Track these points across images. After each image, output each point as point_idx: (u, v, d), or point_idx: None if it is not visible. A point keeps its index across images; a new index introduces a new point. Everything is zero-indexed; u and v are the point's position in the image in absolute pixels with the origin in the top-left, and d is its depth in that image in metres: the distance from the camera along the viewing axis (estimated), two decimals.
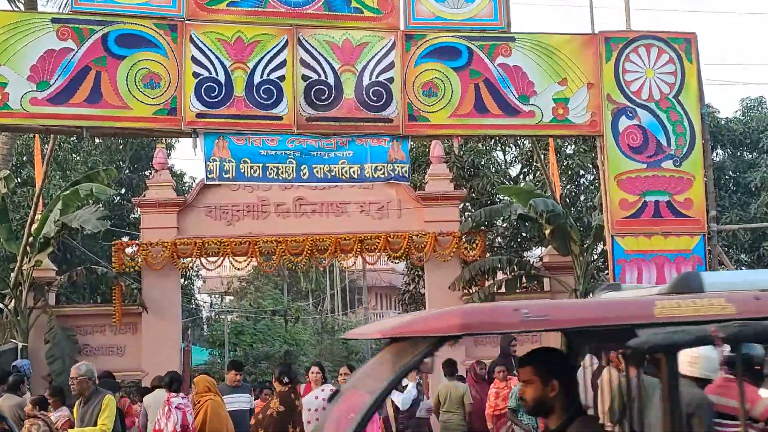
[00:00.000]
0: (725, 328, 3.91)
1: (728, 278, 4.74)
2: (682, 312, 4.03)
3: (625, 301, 4.42)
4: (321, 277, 45.29)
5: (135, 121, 11.62)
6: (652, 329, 3.91)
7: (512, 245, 24.13)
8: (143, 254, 19.08)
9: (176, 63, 11.63)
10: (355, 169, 12.17)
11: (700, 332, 3.93)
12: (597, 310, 4.10)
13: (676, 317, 4.01)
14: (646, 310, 4.01)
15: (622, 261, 12.48)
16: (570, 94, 12.49)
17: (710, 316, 4.03)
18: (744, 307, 4.10)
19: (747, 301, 4.16)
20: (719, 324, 3.93)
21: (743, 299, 4.18)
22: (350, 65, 12.03)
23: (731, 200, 24.26)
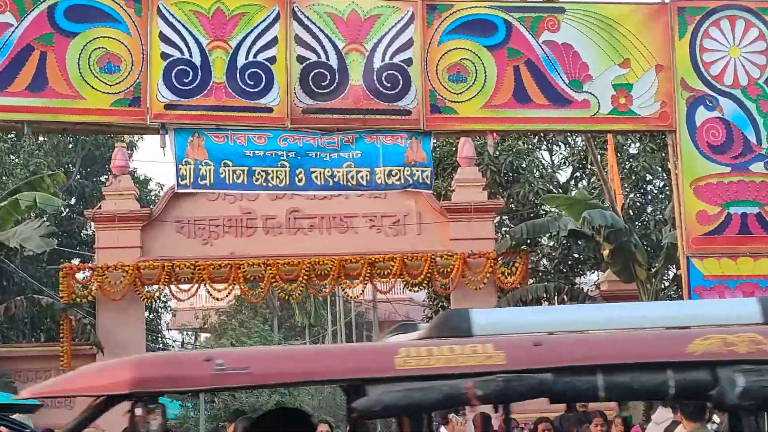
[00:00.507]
0: (487, 384, 3.87)
1: (506, 317, 4.78)
2: (433, 363, 3.99)
3: (362, 349, 4.41)
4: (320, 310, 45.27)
5: (88, 114, 11.64)
6: (391, 385, 3.87)
7: (561, 269, 24.08)
8: (98, 281, 19.13)
9: (140, 41, 11.67)
10: (364, 173, 12.17)
11: (451, 389, 3.89)
12: (318, 361, 4.04)
13: (423, 370, 3.96)
14: (386, 361, 3.96)
15: (701, 289, 12.43)
16: (634, 79, 12.47)
17: (471, 367, 4.00)
18: (516, 356, 4.11)
19: (521, 348, 4.18)
20: (482, 378, 3.89)
21: (517, 346, 4.20)
22: (358, 43, 12.05)
23: None
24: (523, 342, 4.26)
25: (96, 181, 29.73)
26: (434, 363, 4.00)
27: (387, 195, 19.27)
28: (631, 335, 4.92)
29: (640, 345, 4.81)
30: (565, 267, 24.21)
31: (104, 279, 19.09)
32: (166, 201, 20.17)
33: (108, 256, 19.45)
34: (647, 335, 4.96)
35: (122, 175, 20.44)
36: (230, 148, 11.88)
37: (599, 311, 5.35)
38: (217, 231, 20.05)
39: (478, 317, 4.36)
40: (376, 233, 20.13)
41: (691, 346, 4.74)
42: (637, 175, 23.68)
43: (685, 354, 4.73)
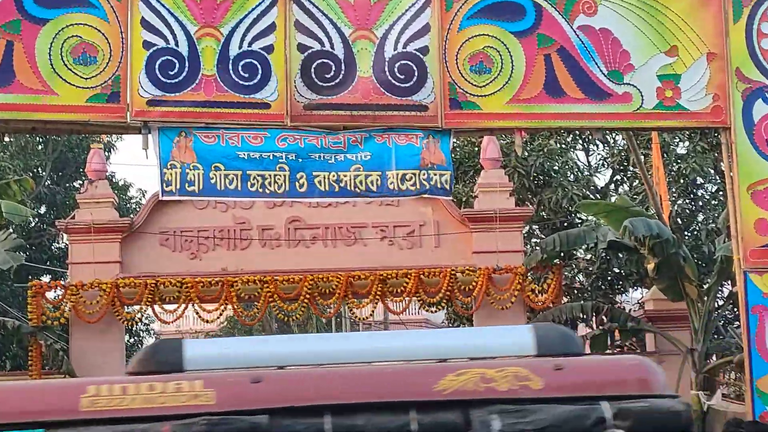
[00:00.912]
0: (186, 428, 3.82)
1: (227, 349, 4.66)
2: (127, 404, 3.95)
3: (48, 387, 4.35)
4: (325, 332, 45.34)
5: (61, 112, 11.68)
6: (78, 428, 3.84)
7: (600, 286, 24.05)
8: (72, 300, 19.17)
9: (120, 29, 11.71)
10: (374, 178, 12.18)
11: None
12: None
13: (114, 412, 3.92)
14: (70, 401, 3.91)
15: (760, 308, 12.40)
16: (682, 69, 12.47)
17: (172, 409, 3.95)
18: (228, 395, 4.07)
19: (236, 386, 4.14)
20: (183, 422, 3.85)
21: (232, 383, 4.16)
22: (367, 30, 12.08)
23: None
24: (240, 378, 4.17)
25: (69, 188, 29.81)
26: (129, 404, 3.93)
27: (400, 202, 19.28)
28: (373, 370, 4.76)
29: (380, 381, 4.66)
30: (603, 283, 24.17)
31: (78, 298, 19.12)
32: (149, 210, 20.21)
33: (83, 273, 19.49)
34: (392, 370, 4.80)
35: (99, 181, 20.47)
36: (222, 149, 11.90)
37: (344, 341, 5.15)
38: (206, 244, 20.08)
39: (192, 349, 4.25)
40: (388, 246, 20.15)
41: (441, 382, 4.63)
42: (686, 178, 23.66)
43: (432, 392, 4.60)
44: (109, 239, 19.78)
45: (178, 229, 20.02)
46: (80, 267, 19.71)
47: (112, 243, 19.80)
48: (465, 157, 23.39)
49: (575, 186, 23.79)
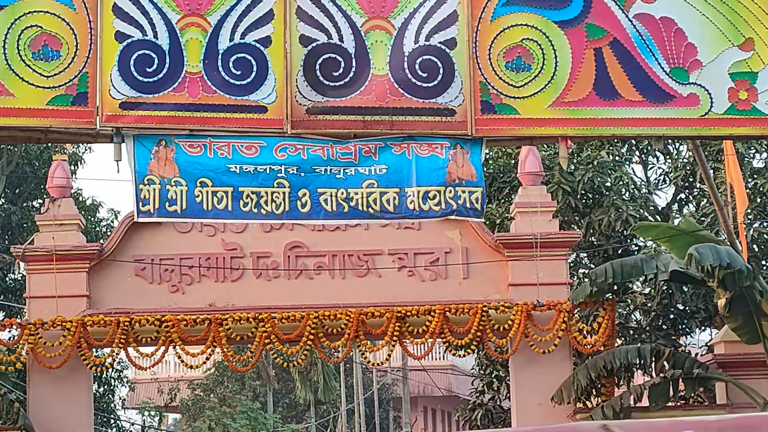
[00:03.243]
0: None
1: None
2: None
3: None
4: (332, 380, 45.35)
5: (18, 117, 11.72)
6: None
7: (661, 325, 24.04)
8: (30, 342, 19.21)
9: (88, 17, 11.76)
10: (391, 196, 12.18)
11: None
12: None
13: None
14: None
15: None
16: (759, 67, 12.47)
17: None
18: None
19: None
20: None
21: None
22: (382, 19, 12.10)
23: None
24: None
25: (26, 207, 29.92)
26: None
27: (422, 225, 19.33)
28: None
29: None
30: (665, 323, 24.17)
31: (38, 339, 19.17)
32: (122, 233, 20.27)
33: (43, 309, 19.55)
34: None
35: (62, 199, 20.53)
36: (209, 161, 11.92)
37: None
38: (190, 274, 20.13)
39: None
40: (408, 277, 20.18)
41: None
42: (765, 196, 23.66)
43: None
44: (74, 268, 19.84)
45: (157, 256, 20.07)
46: (40, 302, 19.76)
47: (78, 273, 19.86)
48: (499, 172, 23.42)
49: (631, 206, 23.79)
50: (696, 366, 19.59)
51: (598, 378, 19.16)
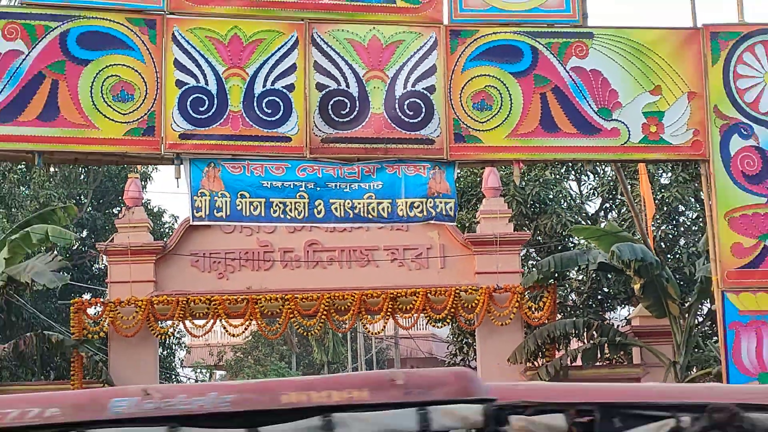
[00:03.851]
0: None
1: None
2: None
3: None
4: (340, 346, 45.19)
5: (101, 144, 11.68)
6: None
7: (590, 304, 23.97)
8: (110, 316, 19.16)
9: (154, 69, 11.72)
10: (385, 205, 12.16)
11: None
12: None
13: None
14: None
15: (736, 325, 12.34)
16: (665, 107, 12.44)
17: None
18: None
19: None
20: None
21: None
22: (379, 70, 12.07)
23: None
24: None
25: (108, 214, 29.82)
26: None
27: (409, 227, 19.28)
28: None
29: None
30: (594, 302, 24.09)
31: (116, 314, 19.12)
32: (181, 234, 20.22)
33: (120, 291, 19.49)
34: None
35: (135, 207, 20.49)
36: (247, 178, 11.89)
37: None
38: (233, 264, 20.07)
39: None
40: (398, 267, 20.11)
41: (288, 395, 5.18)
42: (669, 206, 23.59)
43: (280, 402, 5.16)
44: (144, 260, 19.78)
45: (207, 251, 20.01)
46: (118, 286, 19.70)
47: (147, 264, 19.80)
48: (468, 187, 23.34)
49: (568, 213, 23.73)
50: (617, 335, 19.54)
51: (543, 344, 19.10)
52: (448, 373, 5.73)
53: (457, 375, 5.48)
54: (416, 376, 5.48)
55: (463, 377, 5.39)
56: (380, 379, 5.42)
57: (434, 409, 5.05)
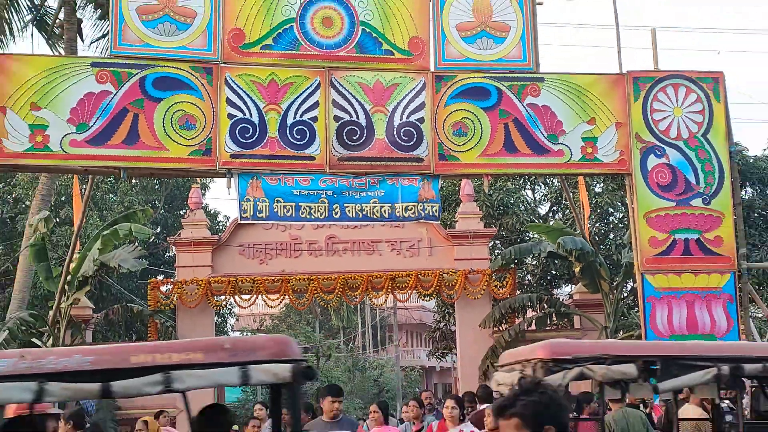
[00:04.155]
0: None
1: None
2: None
3: None
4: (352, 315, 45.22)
5: (171, 162, 11.69)
6: None
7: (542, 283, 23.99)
8: (178, 292, 19.17)
9: (211, 105, 11.74)
10: (386, 208, 12.16)
11: None
12: None
13: None
14: None
15: (652, 299, 12.35)
16: (599, 133, 12.45)
17: None
18: None
19: None
20: None
21: None
22: (381, 106, 12.07)
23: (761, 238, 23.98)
24: None
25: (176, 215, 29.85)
26: None
27: (404, 225, 19.28)
28: None
29: None
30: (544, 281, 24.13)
31: (183, 291, 19.13)
32: (231, 230, 20.22)
33: (185, 273, 19.50)
34: None
35: (197, 210, 20.50)
36: (281, 188, 11.90)
37: None
38: (271, 253, 20.07)
39: None
40: (396, 255, 20.10)
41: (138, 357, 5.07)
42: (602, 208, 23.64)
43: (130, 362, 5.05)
44: (203, 250, 19.80)
45: (251, 243, 20.02)
46: (184, 269, 19.72)
47: (206, 253, 19.81)
48: (449, 194, 23.35)
49: (525, 214, 23.75)
50: (562, 306, 19.54)
51: (506, 313, 19.09)
52: (268, 339, 5.69)
53: (276, 341, 5.39)
54: (241, 342, 5.49)
55: (280, 342, 5.30)
56: (212, 344, 5.34)
57: (253, 367, 4.98)
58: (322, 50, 12.04)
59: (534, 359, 6.65)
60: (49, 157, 11.39)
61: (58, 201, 25.20)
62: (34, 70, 11.41)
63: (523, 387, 3.19)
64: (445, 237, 20.09)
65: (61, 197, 25.68)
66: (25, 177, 25.29)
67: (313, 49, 12.03)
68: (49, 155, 11.35)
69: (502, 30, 12.38)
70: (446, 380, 51.82)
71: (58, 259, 21.76)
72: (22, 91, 11.32)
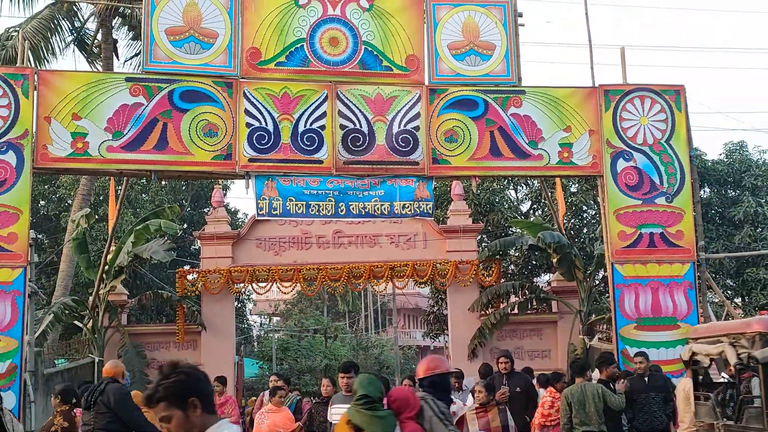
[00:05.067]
0: None
1: None
2: None
3: None
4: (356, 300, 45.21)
5: (196, 165, 11.71)
6: None
7: (524, 272, 23.96)
8: (202, 280, 19.16)
9: (231, 115, 11.74)
10: (386, 206, 12.16)
11: None
12: None
13: None
14: None
15: (621, 285, 12.35)
16: (574, 140, 12.44)
17: None
18: None
19: None
20: None
21: None
22: (382, 116, 12.07)
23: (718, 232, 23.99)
24: None
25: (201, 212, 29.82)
26: None
27: (402, 221, 19.26)
28: None
29: None
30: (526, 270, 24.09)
31: (207, 279, 19.11)
32: (249, 225, 20.20)
33: (209, 264, 19.48)
34: None
35: (219, 208, 20.46)
36: (293, 188, 11.90)
37: None
38: (284, 246, 20.05)
39: None
40: (395, 247, 20.08)
41: None
42: (576, 206, 23.59)
43: None
44: (225, 243, 19.77)
45: (267, 237, 19.99)
46: (208, 260, 19.70)
47: (227, 246, 19.79)
48: (441, 193, 23.32)
49: (508, 211, 23.70)
50: (542, 292, 19.52)
51: (492, 299, 19.06)
52: None
53: None
54: None
55: None
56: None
57: None
58: (329, 66, 12.04)
59: (751, 332, 6.94)
60: (88, 162, 11.42)
61: (96, 200, 25.17)
62: (75, 84, 11.43)
63: (163, 373, 3.13)
64: (438, 231, 20.07)
65: (99, 197, 25.65)
66: (68, 179, 25.31)
67: (321, 65, 12.02)
68: (89, 159, 11.37)
69: (489, 48, 12.37)
70: None
71: (97, 251, 21.74)
72: (65, 103, 11.34)
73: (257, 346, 39.14)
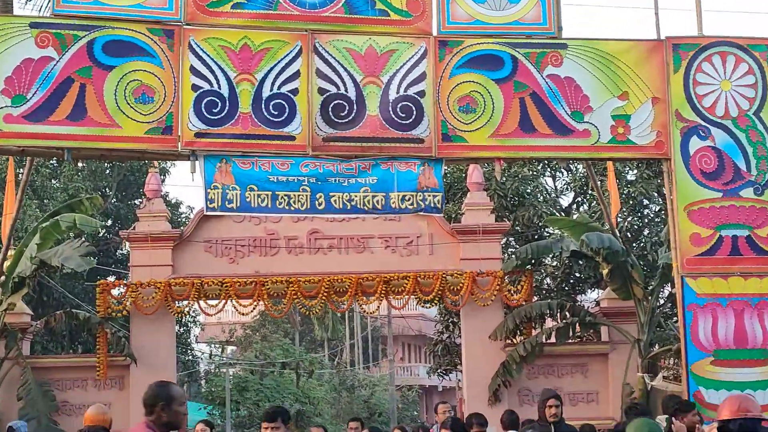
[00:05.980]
0: None
1: None
2: None
3: None
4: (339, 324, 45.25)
5: (124, 142, 11.68)
6: None
7: (564, 287, 24.01)
8: (132, 296, 19.14)
9: (172, 74, 11.71)
10: (380, 198, 12.16)
11: None
12: None
13: None
14: None
15: (694, 306, 12.37)
16: (632, 111, 12.45)
17: None
18: None
19: None
20: None
21: None
22: (374, 77, 12.06)
23: None
24: None
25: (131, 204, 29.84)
26: None
27: (401, 218, 19.26)
28: None
29: None
30: (567, 285, 24.14)
31: (138, 295, 19.10)
32: (196, 223, 20.19)
33: (141, 274, 19.47)
34: None
35: (155, 199, 20.46)
36: (255, 173, 11.89)
37: None
38: (242, 251, 20.05)
39: None
40: (391, 253, 20.09)
41: None
42: (635, 200, 23.64)
43: None
44: (163, 246, 19.76)
45: (220, 238, 19.99)
46: (139, 269, 19.69)
47: (166, 250, 19.78)
48: (454, 181, 23.35)
49: (544, 205, 23.75)
50: (587, 315, 19.54)
51: (521, 323, 19.10)
52: None
53: None
54: None
55: None
56: None
57: None
58: (304, 10, 12.02)
59: None
60: None
61: None
62: None
63: None
64: (449, 233, 20.09)
65: None
66: None
67: (294, 8, 12.01)
68: None
69: None
70: (449, 402, 51.90)
71: None
72: None
73: (205, 386, 39.18)
